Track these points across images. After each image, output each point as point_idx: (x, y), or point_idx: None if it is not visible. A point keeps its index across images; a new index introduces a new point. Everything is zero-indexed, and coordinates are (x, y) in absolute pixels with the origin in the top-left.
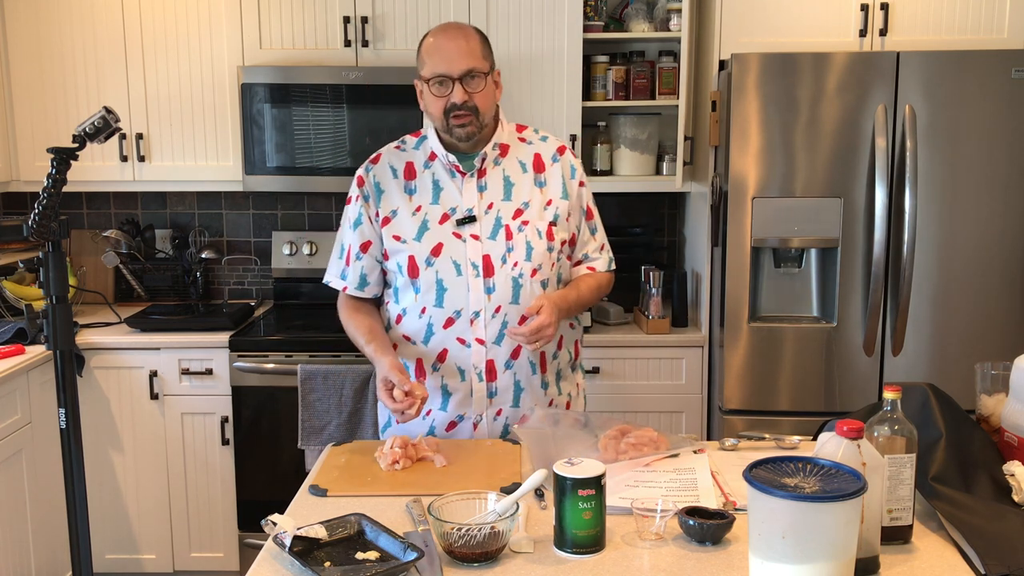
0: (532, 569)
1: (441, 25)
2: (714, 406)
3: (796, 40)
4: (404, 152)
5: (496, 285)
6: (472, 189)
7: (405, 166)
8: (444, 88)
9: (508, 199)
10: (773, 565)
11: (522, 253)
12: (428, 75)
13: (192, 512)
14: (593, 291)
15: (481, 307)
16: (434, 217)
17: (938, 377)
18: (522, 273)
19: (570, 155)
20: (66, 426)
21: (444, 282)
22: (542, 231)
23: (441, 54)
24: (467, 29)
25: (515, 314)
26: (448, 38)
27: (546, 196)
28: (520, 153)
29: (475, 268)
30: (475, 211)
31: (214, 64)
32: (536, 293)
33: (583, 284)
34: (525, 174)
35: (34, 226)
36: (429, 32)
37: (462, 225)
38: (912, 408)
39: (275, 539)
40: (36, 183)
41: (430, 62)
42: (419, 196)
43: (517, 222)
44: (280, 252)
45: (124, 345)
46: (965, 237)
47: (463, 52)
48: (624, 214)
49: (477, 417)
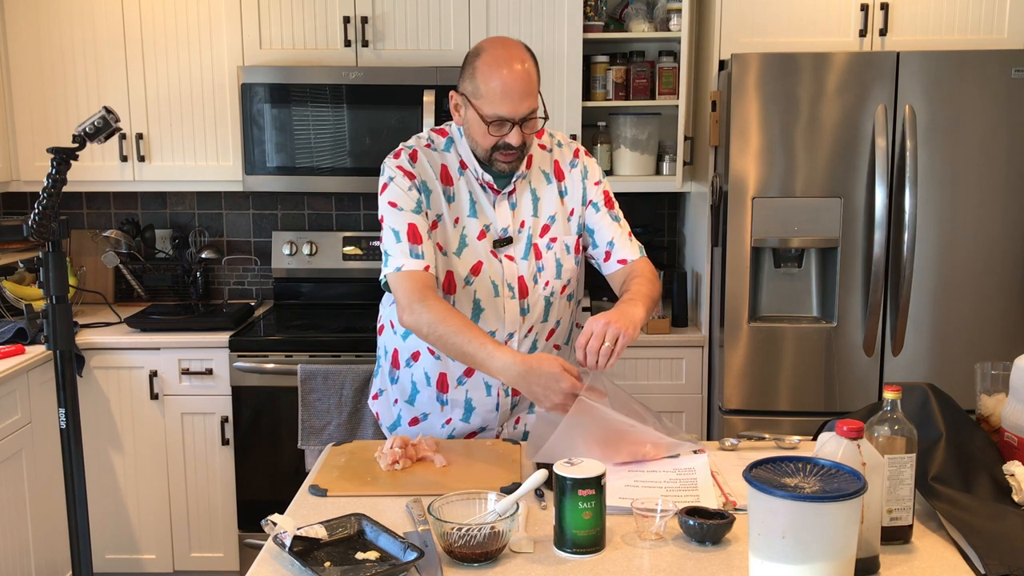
0: (532, 569)
1: (501, 47)
2: (714, 406)
3: (796, 40)
4: (436, 152)
5: (530, 306)
6: (506, 208)
7: (441, 169)
8: (501, 129)
9: (536, 215)
10: (773, 565)
11: (552, 272)
12: (488, 115)
13: (192, 512)
14: (647, 284)
15: (516, 328)
16: (472, 232)
17: (938, 377)
18: (553, 291)
19: (584, 157)
20: (66, 426)
21: (482, 302)
22: (570, 246)
23: (506, 95)
24: (525, 54)
25: (543, 331)
26: (514, 76)
27: (568, 206)
28: (542, 162)
29: (511, 289)
30: (511, 231)
31: (214, 64)
32: (562, 308)
33: (634, 285)
34: (549, 185)
35: (34, 226)
36: (485, 49)
37: (500, 247)
38: (912, 408)
39: (275, 539)
40: (36, 183)
41: (491, 100)
42: (457, 206)
43: (545, 240)
44: (280, 252)
45: (124, 345)
46: (965, 237)
47: (526, 91)
48: (624, 214)
49: (499, 429)
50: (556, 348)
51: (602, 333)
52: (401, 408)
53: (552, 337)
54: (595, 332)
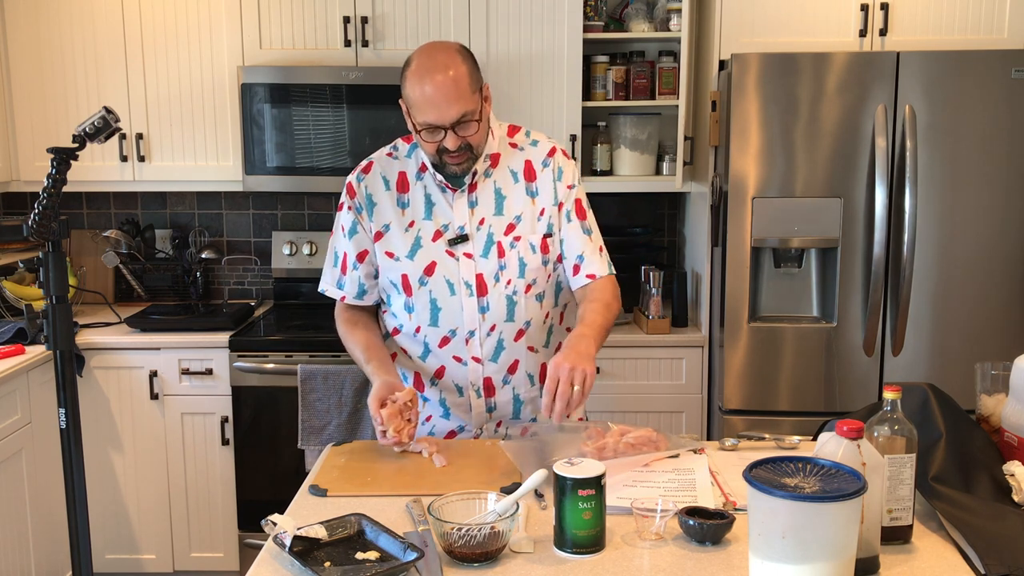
0: (532, 569)
1: (426, 54)
2: (714, 406)
3: (796, 40)
4: (396, 160)
5: (490, 304)
6: (463, 205)
7: (398, 177)
8: (435, 135)
9: (500, 213)
10: (773, 565)
11: (515, 270)
12: (419, 122)
13: (192, 512)
14: (602, 311)
15: (476, 326)
16: (427, 234)
17: (938, 377)
18: (516, 291)
19: (560, 156)
20: (66, 426)
21: (438, 301)
22: (536, 245)
23: (429, 103)
24: (452, 59)
25: (510, 331)
26: (435, 85)
27: (538, 206)
28: (511, 161)
29: (468, 287)
30: (467, 228)
31: (214, 64)
32: (531, 308)
33: (588, 313)
34: (516, 184)
35: (34, 226)
36: (412, 60)
37: (455, 244)
38: (912, 408)
39: (275, 539)
40: (36, 183)
41: (419, 108)
42: (412, 210)
43: (509, 238)
44: (280, 252)
45: (124, 345)
46: (965, 237)
47: (451, 97)
48: (624, 214)
49: (478, 431)
50: (531, 350)
51: (568, 378)
52: None
53: (523, 338)
54: (562, 378)
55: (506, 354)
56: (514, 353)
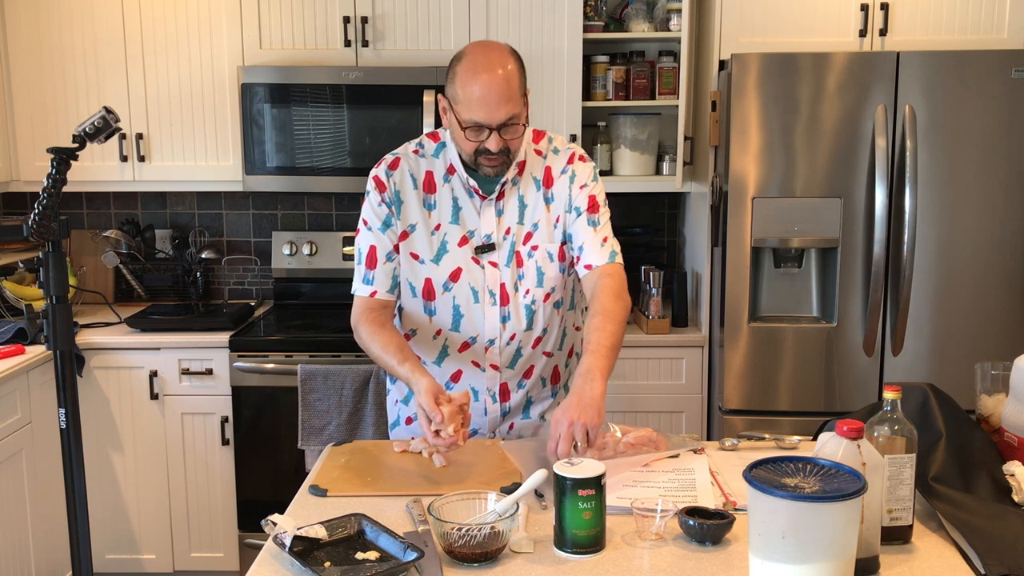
0: (532, 569)
1: (480, 51)
2: (714, 406)
3: (796, 40)
4: (423, 159)
5: (511, 313)
6: (491, 214)
7: (425, 176)
8: (479, 134)
9: (521, 222)
10: (773, 565)
11: (533, 280)
12: (464, 120)
13: (192, 512)
14: (607, 327)
15: (496, 335)
16: (453, 239)
17: (938, 377)
18: (535, 300)
19: (577, 162)
20: (66, 426)
21: (461, 308)
22: (553, 253)
23: (480, 101)
24: (507, 59)
25: (528, 339)
26: (491, 83)
27: (553, 214)
28: (534, 169)
29: (492, 296)
30: (494, 237)
31: (214, 64)
32: (550, 316)
33: (593, 334)
34: (537, 192)
35: (34, 226)
36: (463, 55)
37: (481, 253)
38: (912, 408)
39: (275, 539)
40: (36, 183)
41: (467, 105)
42: (438, 213)
43: (527, 247)
44: (280, 252)
45: (124, 345)
46: (965, 237)
47: (504, 98)
48: (624, 214)
49: (491, 434)
50: (546, 355)
51: (569, 435)
52: (399, 408)
53: (540, 345)
54: (562, 435)
55: (523, 360)
56: (531, 359)
